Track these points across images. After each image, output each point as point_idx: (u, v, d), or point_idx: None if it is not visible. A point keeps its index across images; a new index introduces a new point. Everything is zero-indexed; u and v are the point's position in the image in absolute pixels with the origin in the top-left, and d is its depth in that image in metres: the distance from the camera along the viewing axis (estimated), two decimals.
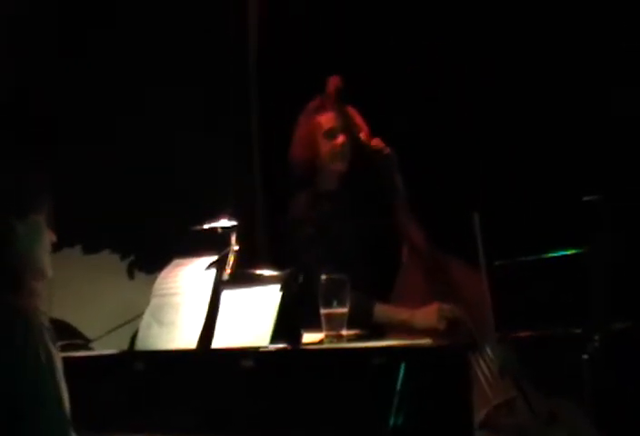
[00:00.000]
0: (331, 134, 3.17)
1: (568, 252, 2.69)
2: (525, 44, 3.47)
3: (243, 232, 2.74)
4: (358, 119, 3.22)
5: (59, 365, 2.11)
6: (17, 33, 3.51)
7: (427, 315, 2.97)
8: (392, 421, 2.34)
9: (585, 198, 2.53)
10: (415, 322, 2.98)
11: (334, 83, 3.19)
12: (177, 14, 3.71)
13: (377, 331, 2.92)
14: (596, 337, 2.65)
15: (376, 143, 3.20)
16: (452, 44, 3.58)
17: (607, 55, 3.35)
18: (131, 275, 3.43)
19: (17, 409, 2.06)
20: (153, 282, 2.86)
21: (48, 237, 2.17)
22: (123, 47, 3.61)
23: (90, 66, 3.56)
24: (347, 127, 3.15)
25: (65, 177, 2.53)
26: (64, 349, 2.28)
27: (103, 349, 2.93)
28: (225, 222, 2.73)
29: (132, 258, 3.43)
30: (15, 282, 2.13)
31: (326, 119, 3.17)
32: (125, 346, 2.77)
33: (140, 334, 2.76)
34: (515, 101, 3.49)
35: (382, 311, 3.02)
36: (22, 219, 2.11)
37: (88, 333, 3.07)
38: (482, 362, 2.89)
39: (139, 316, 2.79)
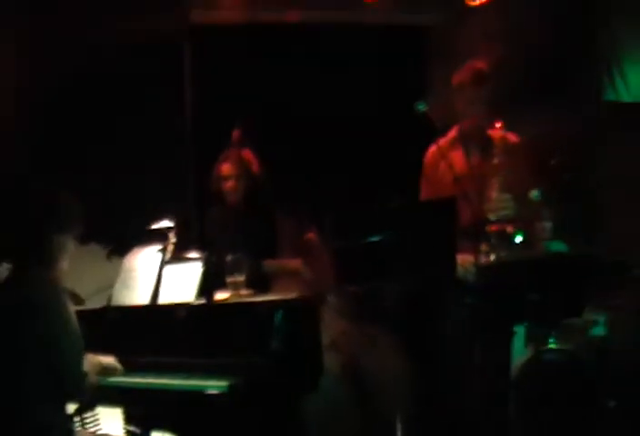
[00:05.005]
0: (225, 179, 4.33)
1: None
2: None
3: (180, 228, 3.65)
4: (252, 158, 4.39)
5: (72, 315, 2.92)
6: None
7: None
8: (273, 345, 3.13)
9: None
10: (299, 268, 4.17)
11: (235, 134, 4.38)
12: None
13: (266, 287, 3.99)
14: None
15: None
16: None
17: None
18: (109, 259, 3.99)
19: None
20: (122, 262, 3.70)
21: (69, 249, 3.07)
22: None
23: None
24: (242, 172, 4.31)
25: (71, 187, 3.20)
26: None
27: (91, 305, 3.72)
28: (166, 223, 3.65)
29: (110, 247, 4.10)
30: (51, 265, 3.05)
31: (225, 168, 4.33)
32: (104, 303, 3.62)
33: (114, 295, 3.62)
34: None
35: (270, 264, 4.16)
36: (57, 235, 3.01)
37: (82, 295, 3.76)
38: (330, 309, 3.98)
39: (113, 285, 3.64)
